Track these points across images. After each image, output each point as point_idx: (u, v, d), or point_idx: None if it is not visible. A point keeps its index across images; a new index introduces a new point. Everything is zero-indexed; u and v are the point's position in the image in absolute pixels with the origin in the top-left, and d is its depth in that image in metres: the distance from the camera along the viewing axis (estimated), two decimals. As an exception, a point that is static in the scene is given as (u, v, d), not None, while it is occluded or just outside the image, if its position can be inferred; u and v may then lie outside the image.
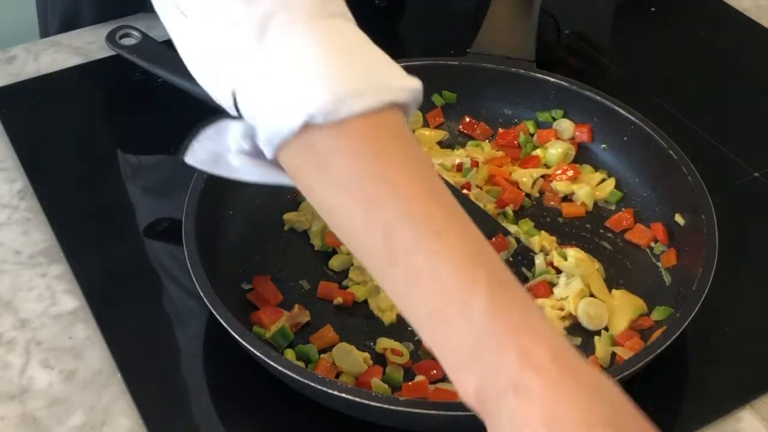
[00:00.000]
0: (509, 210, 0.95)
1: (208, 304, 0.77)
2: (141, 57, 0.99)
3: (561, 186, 0.98)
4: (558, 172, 0.99)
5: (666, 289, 0.88)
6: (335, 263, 0.91)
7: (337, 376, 0.81)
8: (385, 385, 0.79)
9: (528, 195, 0.98)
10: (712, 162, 1.04)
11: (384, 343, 0.83)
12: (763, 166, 1.03)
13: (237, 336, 0.75)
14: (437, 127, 1.06)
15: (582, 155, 1.02)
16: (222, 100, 0.66)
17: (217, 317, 0.76)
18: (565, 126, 1.03)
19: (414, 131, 1.04)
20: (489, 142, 1.04)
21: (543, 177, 1.00)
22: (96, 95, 1.14)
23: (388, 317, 0.86)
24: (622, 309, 0.85)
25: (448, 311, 0.57)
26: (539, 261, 0.90)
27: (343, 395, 0.70)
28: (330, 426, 0.78)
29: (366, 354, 0.82)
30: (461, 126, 1.06)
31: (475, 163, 0.99)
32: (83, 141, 1.08)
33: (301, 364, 0.80)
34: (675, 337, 0.75)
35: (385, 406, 0.70)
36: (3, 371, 0.83)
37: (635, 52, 1.24)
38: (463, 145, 1.03)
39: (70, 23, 1.25)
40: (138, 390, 0.80)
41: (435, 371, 0.80)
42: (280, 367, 0.73)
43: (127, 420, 0.79)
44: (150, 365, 0.83)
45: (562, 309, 0.86)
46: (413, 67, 1.05)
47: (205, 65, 0.66)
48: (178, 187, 0.88)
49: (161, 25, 0.69)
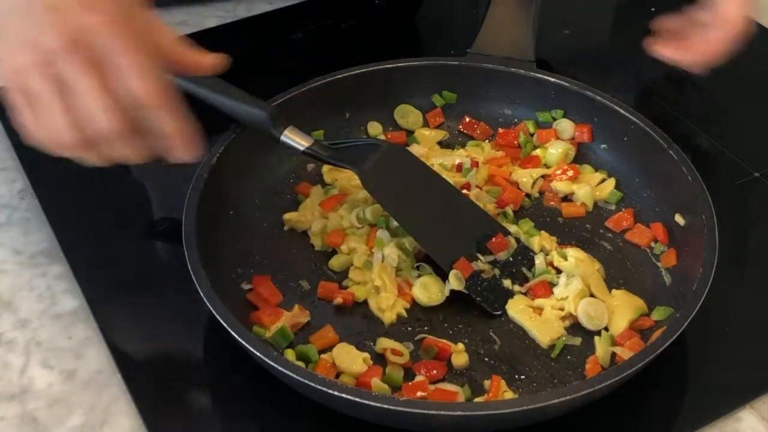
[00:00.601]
0: (509, 210, 0.95)
1: (208, 304, 0.77)
2: None
3: (561, 186, 0.98)
4: (558, 172, 0.99)
5: (666, 289, 0.88)
6: (335, 263, 0.91)
7: (337, 376, 0.81)
8: (385, 385, 0.79)
9: (528, 195, 0.98)
10: (712, 162, 1.04)
11: (384, 343, 0.83)
12: (763, 166, 1.03)
13: (237, 336, 0.75)
14: (437, 127, 1.06)
15: (582, 155, 1.02)
16: None
17: (217, 317, 0.76)
18: (565, 126, 1.03)
19: (414, 131, 1.05)
20: (489, 142, 1.05)
21: (543, 177, 1.00)
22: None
23: (388, 317, 0.86)
24: (622, 309, 0.85)
25: None
26: (539, 261, 0.90)
27: (343, 395, 0.70)
28: (330, 426, 0.78)
29: (366, 354, 0.82)
30: (461, 126, 1.06)
31: (475, 163, 0.99)
32: (83, 141, 1.08)
33: (301, 364, 0.80)
34: (675, 337, 0.75)
35: (385, 406, 0.70)
36: (3, 371, 0.83)
37: (635, 52, 1.24)
38: (463, 145, 1.03)
39: None
40: (138, 390, 0.80)
41: (435, 371, 0.80)
42: (280, 367, 0.73)
43: (127, 420, 0.79)
44: (150, 365, 0.83)
45: (562, 309, 0.86)
46: (413, 67, 1.07)
47: None
48: (178, 187, 0.88)
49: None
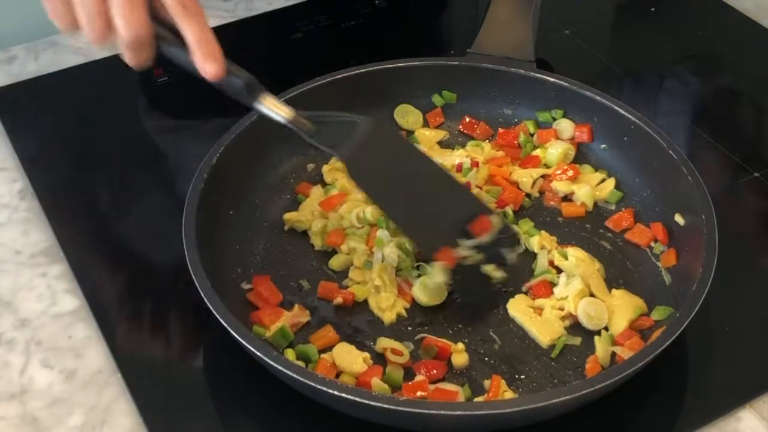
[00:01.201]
0: (509, 210, 0.95)
1: (208, 304, 0.77)
2: None
3: (561, 186, 0.98)
4: (558, 172, 0.99)
5: (666, 289, 0.88)
6: (335, 263, 0.91)
7: (337, 375, 0.81)
8: (385, 385, 0.79)
9: (528, 195, 0.98)
10: (712, 162, 1.04)
11: (384, 343, 0.83)
12: (763, 166, 1.03)
13: (237, 336, 0.75)
14: (437, 127, 1.06)
15: (582, 155, 1.02)
16: None
17: (218, 317, 0.76)
18: (565, 126, 1.03)
19: (414, 131, 1.05)
20: (489, 142, 1.04)
21: (543, 177, 1.00)
22: (96, 95, 1.14)
23: (388, 317, 0.86)
24: (622, 309, 0.85)
25: None
26: (540, 261, 0.90)
27: (343, 395, 0.70)
28: (330, 426, 0.78)
29: (366, 354, 0.82)
30: (461, 126, 1.06)
31: (476, 163, 0.99)
32: (83, 141, 1.08)
33: (301, 363, 0.80)
34: (675, 337, 0.75)
35: (385, 405, 0.70)
36: (3, 371, 0.83)
37: (635, 52, 1.24)
38: (463, 145, 1.03)
39: None
40: (138, 390, 0.80)
41: (435, 371, 0.80)
42: (280, 367, 0.73)
43: (127, 420, 0.79)
44: (150, 365, 0.83)
45: (562, 309, 0.86)
46: (413, 67, 1.07)
47: None
48: (178, 187, 0.88)
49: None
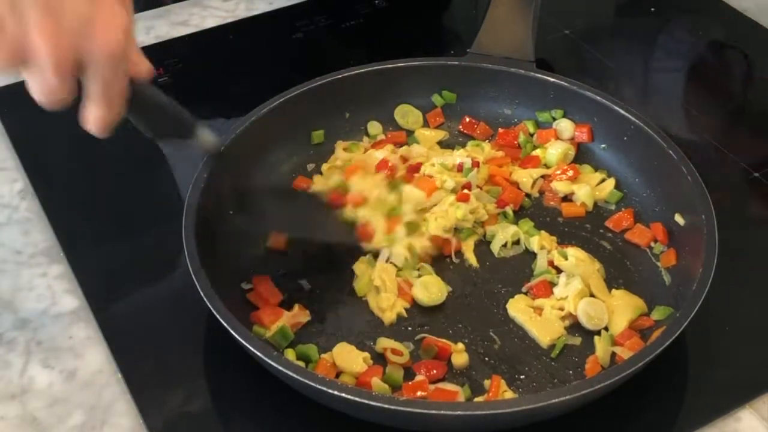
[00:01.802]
0: (509, 210, 0.95)
1: (208, 304, 0.77)
2: None
3: (561, 186, 0.98)
4: (558, 172, 0.99)
5: (666, 289, 0.88)
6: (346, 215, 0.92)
7: (337, 375, 0.81)
8: (385, 385, 0.79)
9: (528, 195, 0.98)
10: (712, 162, 1.04)
11: (384, 343, 0.83)
12: (763, 166, 1.03)
13: (237, 336, 0.75)
14: (437, 127, 1.06)
15: (582, 155, 1.02)
16: None
17: (218, 317, 0.76)
18: (565, 126, 1.03)
19: (414, 131, 1.05)
20: (489, 142, 1.04)
21: (543, 177, 1.00)
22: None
23: (388, 317, 0.86)
24: (622, 309, 0.85)
25: None
26: (540, 261, 0.90)
27: (343, 395, 0.71)
28: (330, 426, 0.78)
29: (366, 354, 0.82)
30: (461, 126, 1.06)
31: (476, 163, 0.99)
32: (83, 141, 1.07)
33: (301, 364, 0.80)
34: (675, 337, 0.75)
35: (385, 405, 0.70)
36: (3, 371, 0.83)
37: (635, 52, 1.24)
38: (463, 145, 1.03)
39: None
40: (138, 390, 0.80)
41: (435, 371, 0.80)
42: (280, 367, 0.73)
43: (127, 420, 0.79)
44: (150, 365, 0.83)
45: (562, 309, 0.86)
46: (413, 68, 1.07)
47: None
48: (178, 187, 0.88)
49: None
